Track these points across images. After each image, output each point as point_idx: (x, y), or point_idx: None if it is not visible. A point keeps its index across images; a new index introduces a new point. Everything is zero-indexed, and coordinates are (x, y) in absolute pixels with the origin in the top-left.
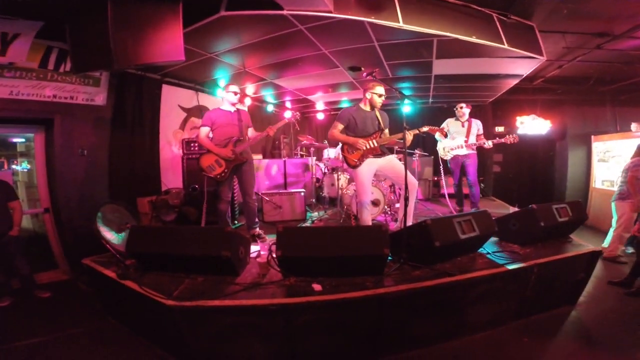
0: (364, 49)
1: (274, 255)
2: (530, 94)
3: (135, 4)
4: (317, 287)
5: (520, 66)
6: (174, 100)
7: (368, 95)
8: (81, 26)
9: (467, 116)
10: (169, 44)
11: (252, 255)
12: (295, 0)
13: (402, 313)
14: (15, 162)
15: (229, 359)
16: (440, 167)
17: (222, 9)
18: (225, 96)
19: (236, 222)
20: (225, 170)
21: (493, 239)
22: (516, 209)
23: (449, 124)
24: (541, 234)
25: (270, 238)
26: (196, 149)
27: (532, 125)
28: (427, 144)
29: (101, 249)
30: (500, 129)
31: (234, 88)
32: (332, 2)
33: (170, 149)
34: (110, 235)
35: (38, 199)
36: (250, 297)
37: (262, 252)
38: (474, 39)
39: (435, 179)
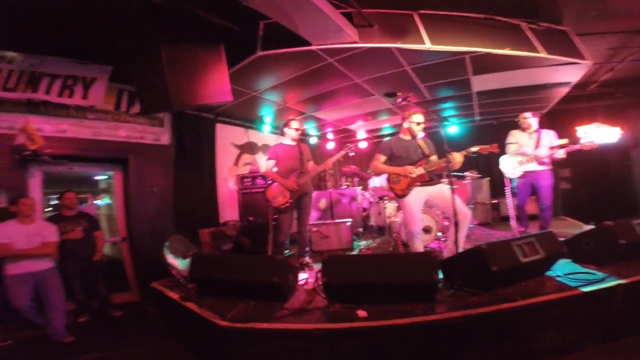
0: (397, 74)
1: (320, 283)
2: (586, 101)
3: (184, 47)
4: (362, 313)
5: (565, 73)
6: (227, 138)
7: (406, 125)
8: (142, 70)
9: (535, 126)
10: (218, 85)
11: (300, 283)
12: (321, 34)
13: (455, 341)
14: (98, 197)
15: None
16: (506, 188)
17: (258, 49)
18: (287, 132)
19: (287, 250)
20: (290, 201)
21: (565, 260)
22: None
23: (514, 136)
24: (622, 252)
25: (317, 266)
26: (249, 183)
27: (598, 134)
28: (481, 164)
29: (167, 274)
30: (562, 141)
31: (296, 124)
32: (357, 32)
33: (227, 185)
34: (175, 262)
35: (116, 229)
36: (297, 321)
37: (309, 280)
38: (507, 51)
39: (495, 201)
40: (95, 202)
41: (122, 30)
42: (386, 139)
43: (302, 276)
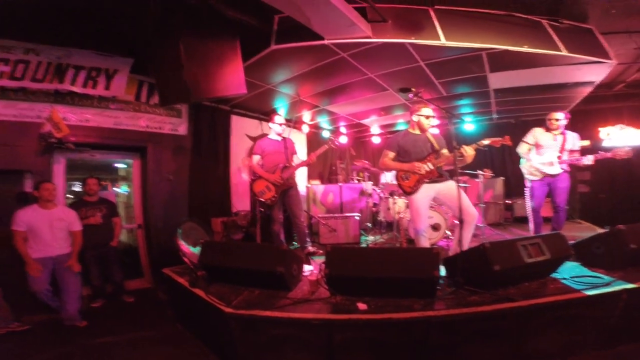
0: (411, 70)
1: (323, 274)
2: (612, 101)
3: (201, 41)
4: (362, 306)
5: (589, 72)
6: (241, 130)
7: (415, 118)
8: (161, 62)
9: (562, 128)
10: (233, 78)
11: (305, 274)
12: (333, 29)
13: (452, 339)
14: (117, 185)
15: None
16: (525, 189)
17: (272, 43)
18: (271, 126)
19: (294, 243)
20: (275, 195)
21: (573, 263)
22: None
23: (537, 135)
24: (633, 257)
25: (322, 259)
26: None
27: (621, 136)
28: (495, 163)
29: (179, 262)
30: (584, 143)
31: (280, 119)
32: (370, 27)
33: (240, 175)
34: (187, 249)
35: (133, 217)
36: (298, 311)
37: (314, 272)
38: (525, 49)
39: (508, 201)
40: (114, 189)
41: (143, 24)
42: (399, 130)
43: (308, 268)
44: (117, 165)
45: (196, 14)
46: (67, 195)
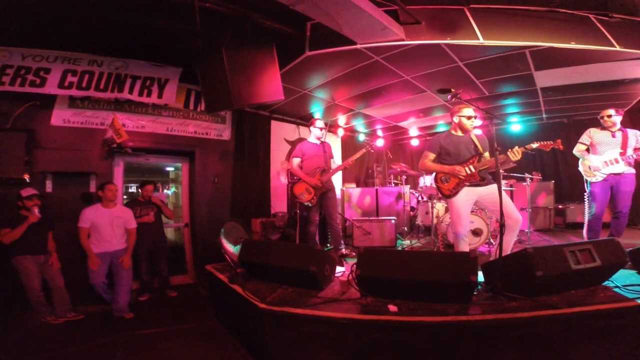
0: (450, 70)
1: (354, 275)
2: None
3: (242, 50)
4: (392, 308)
5: None
6: (280, 134)
7: (456, 120)
8: (207, 71)
9: (618, 125)
10: (271, 85)
11: (337, 275)
12: (365, 33)
13: (486, 345)
14: (167, 186)
15: None
16: (585, 193)
17: (306, 49)
18: (312, 130)
19: (328, 244)
20: (314, 197)
21: (630, 271)
22: None
23: (592, 135)
24: None
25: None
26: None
27: None
28: (546, 166)
29: (221, 259)
30: None
31: (320, 124)
32: (403, 30)
33: (279, 178)
34: (228, 247)
35: (181, 216)
36: (327, 309)
37: (346, 272)
38: (572, 45)
39: (560, 206)
40: (165, 191)
41: (191, 36)
42: (436, 135)
43: (340, 269)
44: (167, 168)
45: (237, 26)
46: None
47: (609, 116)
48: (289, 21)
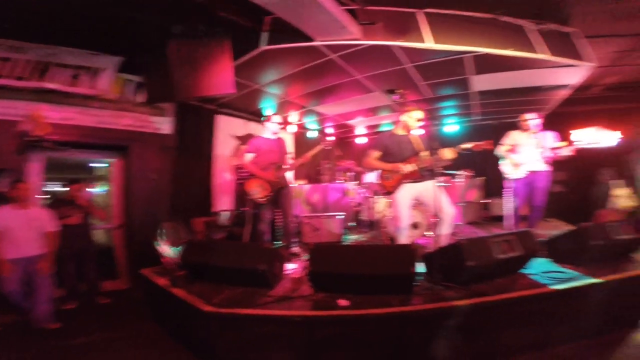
0: (398, 72)
1: (306, 272)
2: (590, 104)
3: (192, 42)
4: (342, 302)
5: (566, 75)
6: (227, 129)
7: (404, 118)
8: (150, 62)
9: (537, 128)
10: (222, 77)
11: (288, 272)
12: (324, 31)
13: (428, 333)
14: (92, 185)
15: None
16: (506, 189)
17: (263, 43)
18: (268, 125)
19: (277, 242)
20: (269, 194)
21: (544, 259)
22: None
23: (513, 137)
24: (596, 253)
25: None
26: (245, 174)
27: (597, 138)
28: (477, 163)
29: (158, 262)
30: (561, 144)
31: (277, 119)
32: (360, 29)
33: (223, 175)
34: (167, 249)
35: (111, 217)
36: (279, 308)
37: (297, 270)
38: (508, 52)
39: (487, 201)
40: (94, 189)
41: (135, 24)
42: (380, 134)
43: (291, 266)
44: (95, 164)
45: (188, 15)
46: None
47: (526, 120)
48: (245, 13)
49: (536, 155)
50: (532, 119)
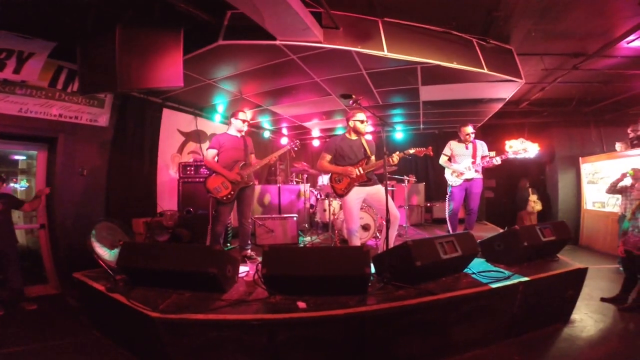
0: (354, 77)
1: (260, 274)
2: (517, 117)
3: (141, 30)
4: (301, 304)
5: (502, 90)
6: (173, 124)
7: (351, 124)
8: (91, 48)
9: (472, 138)
10: (170, 70)
11: (241, 275)
12: (287, 31)
13: (385, 332)
14: (15, 179)
15: None
16: (447, 195)
17: (220, 38)
18: (234, 122)
19: (229, 244)
20: (232, 193)
21: (480, 259)
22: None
23: (452, 146)
24: (526, 253)
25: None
26: (192, 173)
27: (521, 149)
28: (419, 169)
29: (92, 265)
30: (491, 153)
31: (244, 116)
32: (322, 32)
33: (168, 172)
34: (103, 252)
35: (34, 215)
36: (235, 312)
37: (250, 272)
38: (454, 65)
39: (428, 204)
40: (11, 184)
41: (78, 9)
42: (333, 137)
43: (244, 269)
44: (16, 157)
45: (144, 5)
46: None
47: (466, 132)
48: (206, 7)
49: (470, 164)
50: (469, 130)
